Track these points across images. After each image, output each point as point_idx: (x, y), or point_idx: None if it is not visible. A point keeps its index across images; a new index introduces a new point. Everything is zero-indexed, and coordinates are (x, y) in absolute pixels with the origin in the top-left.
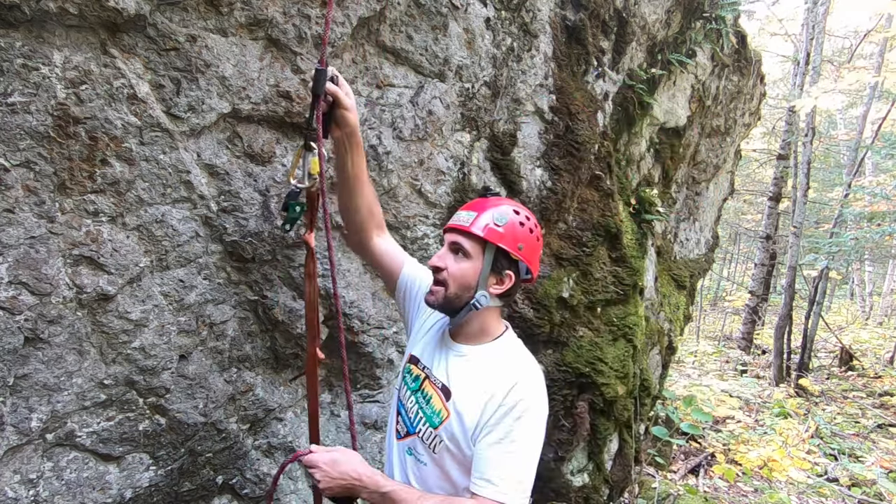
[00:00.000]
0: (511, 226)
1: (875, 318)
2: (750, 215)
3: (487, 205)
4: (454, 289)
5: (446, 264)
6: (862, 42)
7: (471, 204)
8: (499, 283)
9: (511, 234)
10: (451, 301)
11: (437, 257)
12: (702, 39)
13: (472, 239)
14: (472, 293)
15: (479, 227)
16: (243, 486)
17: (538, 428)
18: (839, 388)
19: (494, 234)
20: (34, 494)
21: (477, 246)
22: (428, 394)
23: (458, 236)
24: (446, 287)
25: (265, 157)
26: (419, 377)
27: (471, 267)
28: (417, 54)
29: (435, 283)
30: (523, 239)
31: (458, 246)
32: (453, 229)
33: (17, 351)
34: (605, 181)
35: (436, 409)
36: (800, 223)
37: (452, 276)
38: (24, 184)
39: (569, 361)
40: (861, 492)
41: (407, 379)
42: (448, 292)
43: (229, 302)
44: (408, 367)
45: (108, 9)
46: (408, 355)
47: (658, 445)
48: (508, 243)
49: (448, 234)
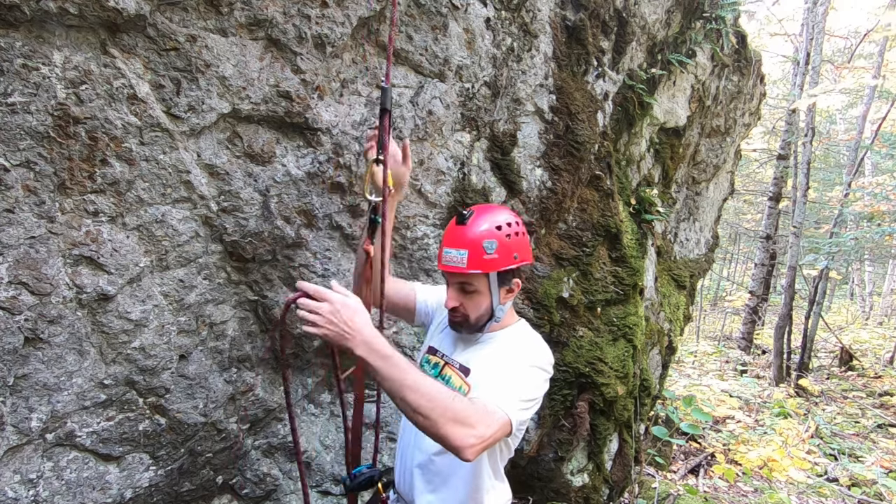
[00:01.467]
0: (502, 246)
1: (875, 318)
2: (750, 215)
3: (468, 235)
4: (474, 317)
5: (461, 303)
6: (862, 42)
7: (451, 238)
8: (509, 293)
9: (505, 253)
10: (474, 325)
11: (450, 299)
12: (702, 39)
13: (474, 276)
14: (491, 312)
15: (476, 265)
16: (243, 486)
17: (538, 377)
18: (839, 388)
19: (492, 264)
20: (34, 494)
21: (481, 279)
22: (447, 375)
23: (459, 277)
24: (467, 318)
25: (265, 157)
26: (438, 364)
27: (483, 297)
28: (417, 54)
29: (453, 315)
30: (516, 248)
31: (464, 285)
32: (452, 273)
33: (17, 351)
34: (605, 181)
35: (456, 386)
36: (800, 223)
37: (470, 310)
38: (24, 184)
39: (569, 361)
40: (861, 492)
41: (426, 368)
42: (471, 320)
43: (229, 302)
44: (426, 358)
45: (108, 9)
46: (426, 348)
47: (658, 445)
48: (506, 262)
49: (449, 277)
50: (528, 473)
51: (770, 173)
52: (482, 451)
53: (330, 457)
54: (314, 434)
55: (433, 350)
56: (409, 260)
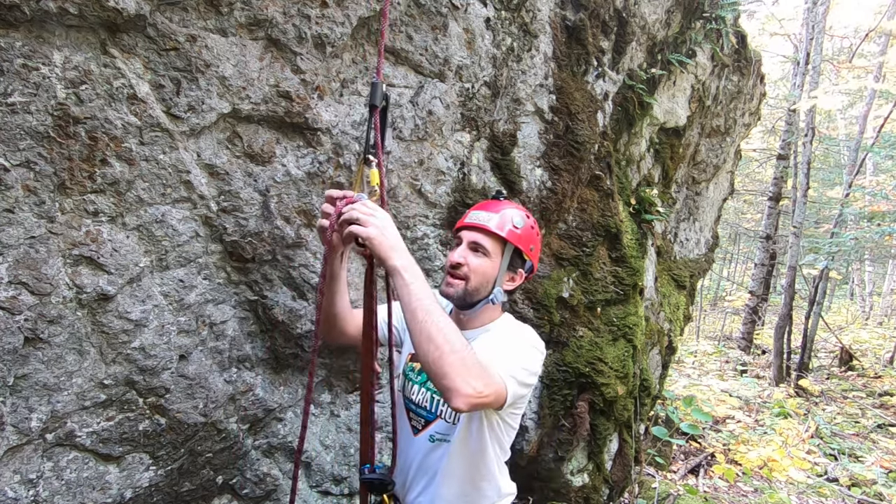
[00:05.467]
0: (526, 229)
1: (875, 318)
2: (750, 215)
3: (501, 207)
4: (475, 283)
5: (467, 260)
6: (862, 42)
7: (484, 205)
8: (511, 280)
9: (526, 237)
10: (470, 294)
11: (458, 254)
12: (702, 39)
13: (494, 238)
14: (491, 289)
15: (501, 228)
16: (243, 486)
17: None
18: (839, 388)
19: (514, 236)
20: (34, 494)
21: (497, 245)
22: None
23: (479, 235)
24: (467, 281)
25: (265, 157)
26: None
27: (491, 264)
28: (417, 54)
29: (453, 277)
30: (534, 241)
31: (478, 244)
32: (473, 228)
33: (17, 351)
34: (605, 181)
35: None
36: (800, 223)
37: (474, 271)
38: (24, 184)
39: (569, 361)
40: (861, 492)
41: (410, 376)
42: (469, 286)
43: (229, 302)
44: (409, 366)
45: (108, 9)
46: (407, 355)
47: (658, 445)
48: (524, 244)
49: (466, 233)
50: (528, 473)
51: (770, 173)
52: (473, 408)
53: (330, 457)
54: (314, 434)
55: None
56: None
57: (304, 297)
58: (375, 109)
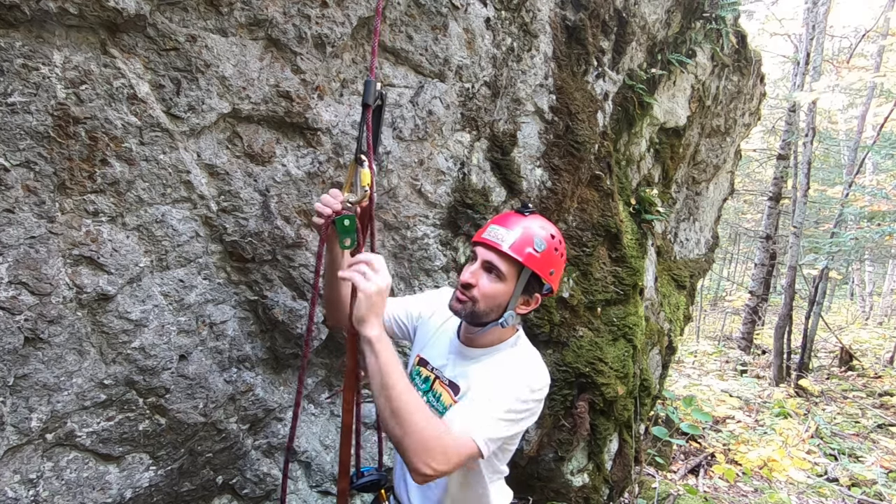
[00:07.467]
0: (548, 252)
1: (875, 318)
2: (750, 215)
3: (523, 224)
4: (483, 306)
5: (479, 282)
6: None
7: (504, 219)
8: (526, 304)
9: (546, 261)
10: (478, 316)
11: (470, 273)
12: (702, 39)
13: (509, 261)
14: (502, 312)
15: (518, 251)
16: (243, 486)
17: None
18: (839, 388)
19: (533, 261)
20: (34, 494)
21: (512, 269)
22: (438, 392)
23: (494, 255)
24: (475, 303)
25: (265, 157)
26: (429, 378)
27: (504, 289)
28: (417, 54)
29: (463, 295)
30: (555, 264)
31: (492, 266)
32: (488, 246)
33: (17, 351)
34: (605, 181)
35: (446, 404)
36: (800, 223)
37: (484, 295)
38: (24, 184)
39: (569, 361)
40: (861, 492)
41: (417, 381)
42: (477, 308)
43: (229, 302)
44: (417, 370)
45: (108, 9)
46: (415, 357)
47: (658, 445)
48: (542, 269)
49: (481, 250)
50: (528, 473)
51: (770, 173)
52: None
53: (330, 457)
54: (314, 434)
55: (424, 362)
56: (409, 260)
57: (304, 297)
58: (368, 108)
